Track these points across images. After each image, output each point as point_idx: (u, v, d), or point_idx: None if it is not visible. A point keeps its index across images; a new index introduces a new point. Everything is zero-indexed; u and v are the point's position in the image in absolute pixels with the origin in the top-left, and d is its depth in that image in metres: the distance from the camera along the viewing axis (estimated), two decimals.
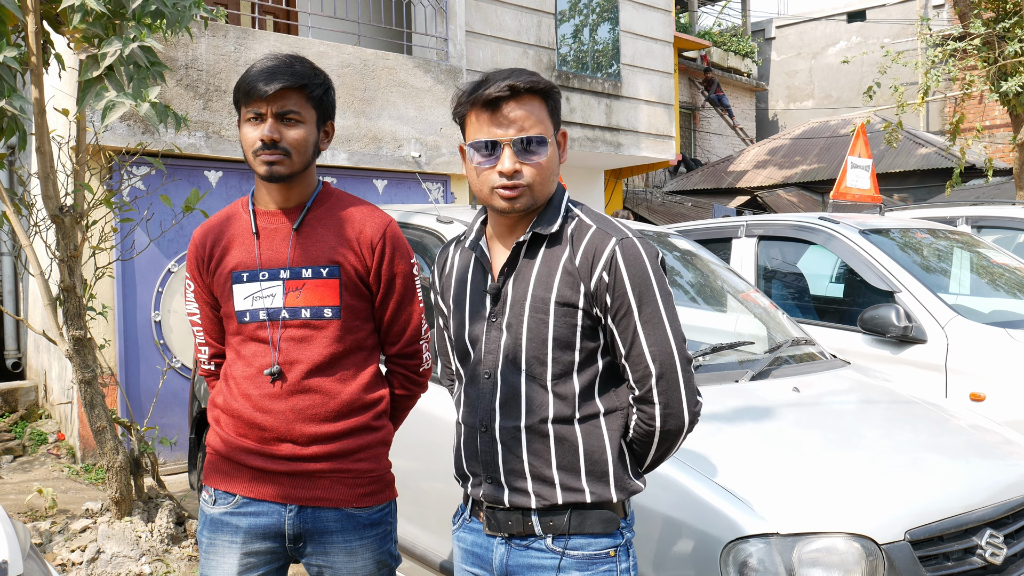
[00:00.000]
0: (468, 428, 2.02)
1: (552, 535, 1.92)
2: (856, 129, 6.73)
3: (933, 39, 11.48)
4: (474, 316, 2.02)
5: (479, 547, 2.04)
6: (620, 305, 1.87)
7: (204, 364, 2.46)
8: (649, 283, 1.89)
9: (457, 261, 2.12)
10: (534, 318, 1.91)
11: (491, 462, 1.96)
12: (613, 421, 1.93)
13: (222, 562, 2.25)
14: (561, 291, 1.89)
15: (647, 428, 1.90)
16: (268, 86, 2.12)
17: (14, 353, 7.93)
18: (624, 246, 1.89)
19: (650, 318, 1.87)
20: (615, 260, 1.88)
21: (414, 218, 3.95)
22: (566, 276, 1.90)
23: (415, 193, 8.19)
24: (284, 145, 2.15)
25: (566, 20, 10.51)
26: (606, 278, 1.87)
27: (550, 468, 1.91)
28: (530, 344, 1.91)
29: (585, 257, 1.90)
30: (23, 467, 6.40)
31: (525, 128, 1.89)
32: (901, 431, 3.23)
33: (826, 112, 21.05)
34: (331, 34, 8.20)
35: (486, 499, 1.99)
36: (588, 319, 1.90)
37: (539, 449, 1.91)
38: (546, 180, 1.92)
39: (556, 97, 1.96)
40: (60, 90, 5.79)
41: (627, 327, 1.88)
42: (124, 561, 4.24)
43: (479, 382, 1.99)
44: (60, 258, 4.40)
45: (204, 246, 2.32)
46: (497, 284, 1.98)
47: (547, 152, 1.91)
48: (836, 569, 2.40)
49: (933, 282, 4.94)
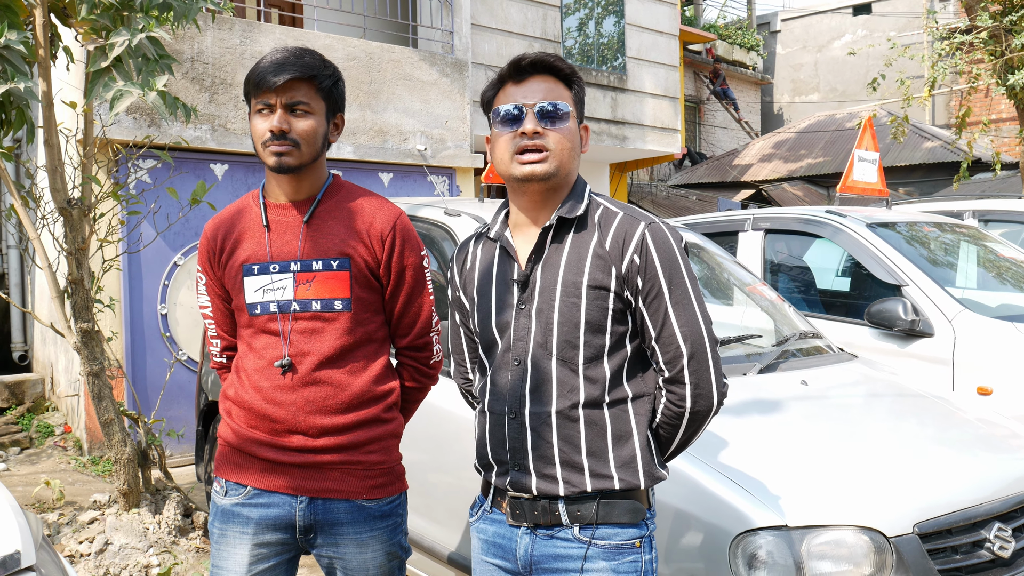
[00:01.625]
0: (495, 416, 2.02)
1: (579, 524, 1.92)
2: (863, 122, 6.71)
3: (939, 32, 11.44)
4: (501, 305, 2.03)
5: (501, 538, 2.03)
6: (651, 287, 1.90)
7: (216, 357, 2.46)
8: (678, 266, 1.92)
9: (480, 255, 2.14)
10: (566, 302, 1.93)
11: (520, 448, 1.96)
12: (640, 406, 1.95)
13: (233, 553, 2.26)
14: (593, 274, 1.92)
15: (676, 410, 1.92)
16: (277, 77, 2.13)
17: (21, 346, 7.95)
18: (653, 230, 1.93)
19: (680, 299, 1.90)
20: (645, 243, 1.91)
21: (421, 211, 3.95)
22: (597, 260, 1.93)
23: (421, 186, 8.19)
24: (293, 136, 2.16)
25: (571, 13, 10.49)
26: (637, 260, 1.90)
27: (579, 454, 1.91)
28: (562, 328, 1.93)
29: (616, 241, 1.93)
30: (30, 459, 6.42)
31: (549, 98, 1.95)
32: (909, 424, 3.23)
33: (831, 105, 21.01)
34: (336, 27, 8.20)
35: (512, 487, 1.98)
36: (619, 302, 1.92)
37: (569, 435, 1.92)
38: (567, 151, 1.96)
39: (581, 87, 2.02)
40: (67, 83, 5.79)
41: (658, 309, 1.90)
42: (132, 553, 4.25)
43: (508, 369, 2.00)
44: (68, 251, 4.41)
45: (215, 239, 2.33)
46: (525, 271, 1.99)
47: (570, 124, 1.96)
48: (845, 562, 2.41)
49: (940, 276, 4.94)
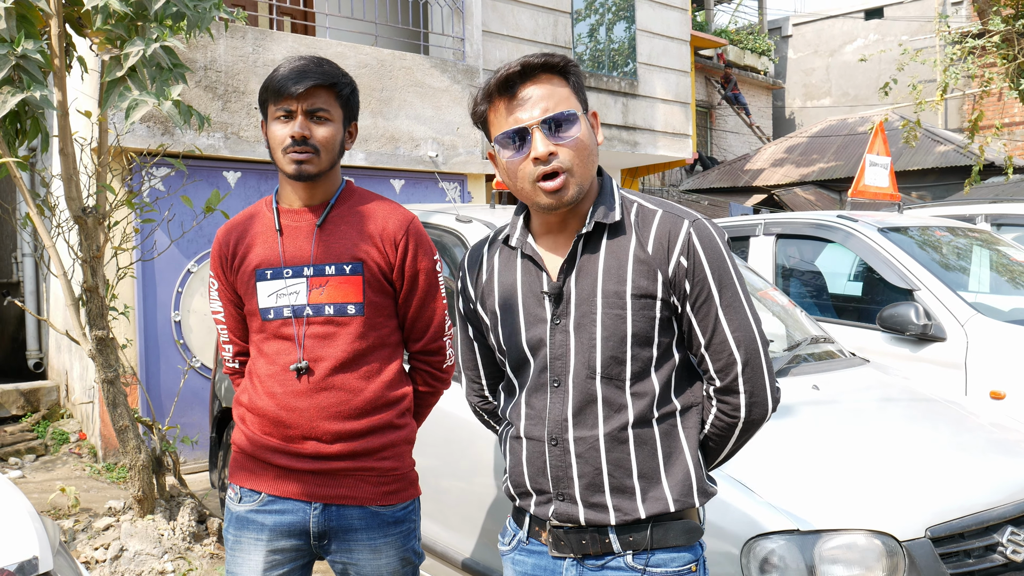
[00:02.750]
0: (533, 442, 1.84)
1: (632, 551, 1.78)
2: (875, 127, 6.71)
3: (951, 36, 11.42)
4: (531, 320, 1.85)
5: (544, 571, 1.88)
6: (700, 291, 1.76)
7: (228, 362, 2.47)
8: (727, 266, 1.78)
9: (498, 264, 1.96)
10: (609, 314, 1.76)
11: (564, 477, 1.80)
12: (689, 419, 1.82)
13: (248, 559, 2.27)
14: (637, 281, 1.76)
15: (729, 420, 1.80)
16: (299, 84, 2.15)
17: (36, 353, 8.00)
18: (698, 228, 1.77)
19: (731, 302, 1.76)
20: (691, 243, 1.75)
21: (433, 217, 3.97)
22: (639, 265, 1.76)
23: (432, 193, 8.21)
24: (313, 142, 2.18)
25: (582, 19, 10.51)
26: (684, 263, 1.75)
27: (631, 478, 1.77)
28: (606, 343, 1.77)
29: (659, 242, 1.77)
30: (45, 466, 6.46)
31: (550, 108, 1.75)
32: (921, 429, 3.22)
33: (843, 110, 20.97)
34: (348, 35, 8.24)
35: (557, 518, 1.82)
36: (666, 309, 1.77)
37: (619, 458, 1.77)
38: (585, 160, 1.78)
39: (577, 73, 1.82)
40: (82, 92, 5.84)
41: (708, 313, 1.76)
42: (147, 559, 4.28)
43: (545, 391, 1.83)
44: (83, 259, 4.44)
45: (228, 244, 2.34)
46: (558, 283, 1.82)
47: (580, 128, 1.77)
48: (857, 566, 2.41)
49: (952, 280, 4.92)
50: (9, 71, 3.69)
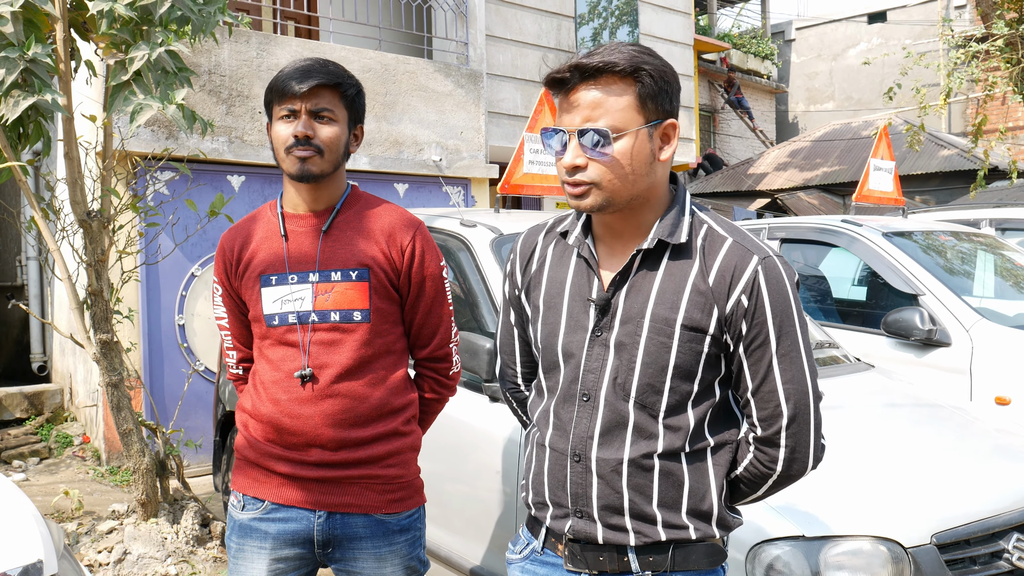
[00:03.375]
0: (556, 454, 1.79)
1: (651, 571, 1.73)
2: (879, 131, 6.70)
3: (955, 40, 11.41)
4: (572, 325, 1.77)
5: None
6: (757, 334, 1.66)
7: (232, 368, 2.44)
8: (790, 312, 1.67)
9: (551, 255, 1.87)
10: (654, 340, 1.68)
11: (583, 495, 1.74)
12: (721, 457, 1.74)
13: (251, 567, 2.24)
14: (690, 313, 1.66)
15: (764, 471, 1.72)
16: (303, 83, 2.13)
17: (40, 356, 8.00)
18: (767, 267, 1.66)
19: (788, 351, 1.66)
20: (757, 283, 1.65)
21: (437, 222, 3.97)
22: (697, 296, 1.67)
23: (436, 197, 8.22)
24: (317, 142, 2.15)
25: (585, 23, 10.52)
26: (745, 303, 1.65)
27: (651, 505, 1.71)
28: (646, 369, 1.69)
29: (722, 276, 1.67)
30: (49, 469, 6.46)
31: (592, 118, 1.64)
32: (926, 434, 3.22)
33: (847, 114, 20.95)
34: (352, 39, 8.25)
35: (575, 535, 1.77)
36: (715, 346, 1.68)
37: (641, 485, 1.71)
38: (620, 179, 1.65)
39: (653, 79, 1.65)
40: (87, 97, 5.85)
41: (760, 359, 1.66)
42: (150, 562, 4.28)
43: (574, 403, 1.76)
44: (87, 262, 4.45)
45: (232, 250, 2.31)
46: (607, 294, 1.73)
47: (616, 148, 1.64)
48: (862, 572, 2.40)
49: (957, 285, 4.92)
50: (18, 75, 3.70)
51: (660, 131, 1.69)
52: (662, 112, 1.68)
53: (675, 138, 1.71)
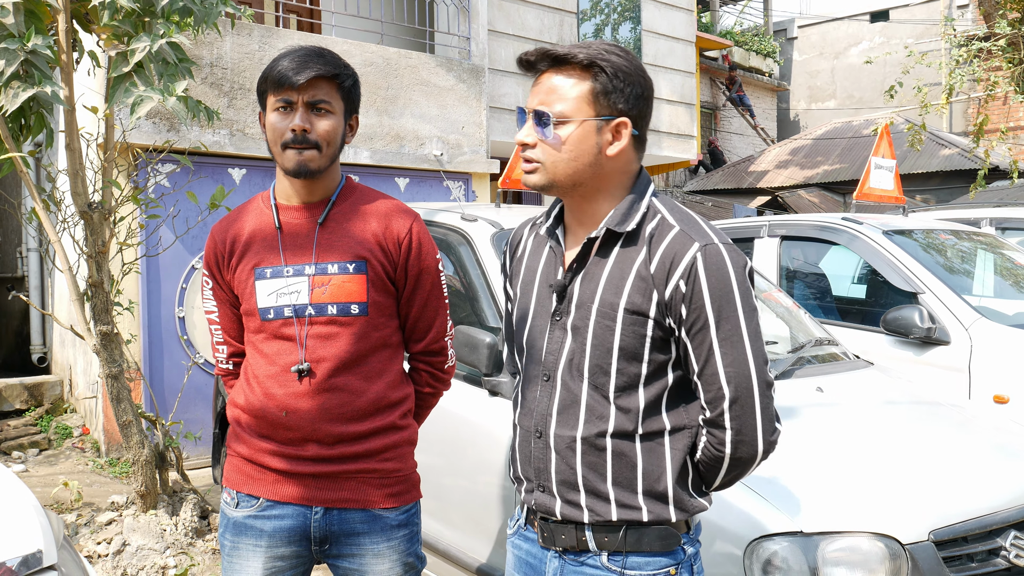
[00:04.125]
0: (523, 431, 1.90)
1: (607, 552, 1.79)
2: (880, 129, 6.70)
3: (957, 39, 11.40)
4: (539, 311, 1.88)
5: (533, 557, 1.93)
6: (696, 318, 1.70)
7: (222, 364, 2.37)
8: (731, 296, 1.70)
9: (530, 246, 1.98)
10: (600, 323, 1.76)
11: (543, 470, 1.84)
12: (679, 440, 1.78)
13: (247, 566, 2.20)
14: (632, 297, 1.73)
15: (715, 453, 1.76)
16: (300, 75, 2.08)
17: (40, 348, 8.01)
18: (708, 253, 1.70)
19: (729, 335, 1.70)
20: (695, 268, 1.69)
21: (438, 216, 3.98)
22: (639, 282, 1.73)
23: (437, 191, 8.22)
24: (314, 137, 2.11)
25: (587, 19, 10.51)
26: (683, 288, 1.70)
27: (605, 483, 1.77)
28: (594, 351, 1.76)
29: (662, 263, 1.72)
30: (49, 460, 6.47)
31: (546, 102, 1.75)
32: (924, 432, 3.22)
33: (848, 112, 20.94)
34: (354, 33, 8.24)
35: (538, 508, 1.86)
36: (659, 330, 1.73)
37: (594, 463, 1.77)
38: (561, 162, 1.75)
39: (608, 76, 1.73)
40: (89, 88, 5.85)
41: (702, 343, 1.71)
42: (149, 554, 4.29)
43: (536, 384, 1.87)
44: (88, 254, 4.45)
45: (223, 242, 2.25)
46: (563, 281, 1.83)
47: (561, 133, 1.74)
48: (860, 568, 2.41)
49: (957, 283, 4.92)
50: (18, 66, 3.70)
51: (611, 127, 1.76)
52: (615, 110, 1.76)
53: (626, 137, 1.78)
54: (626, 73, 1.75)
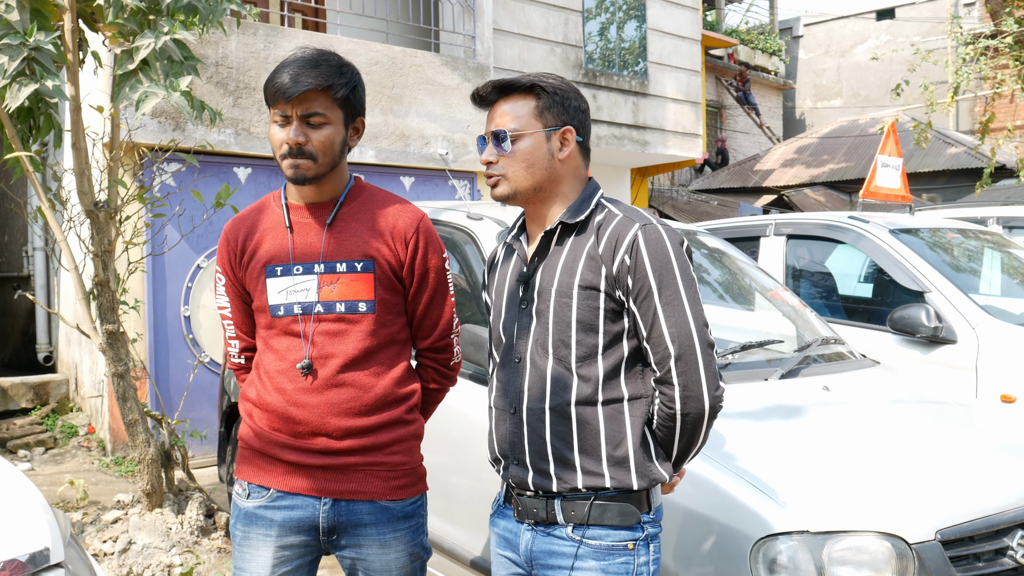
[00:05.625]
0: (499, 411, 2.12)
1: (572, 524, 1.98)
2: (886, 128, 6.69)
3: (964, 37, 11.37)
4: (510, 304, 2.12)
5: (509, 532, 2.13)
6: (641, 287, 1.93)
7: (234, 358, 2.45)
8: (670, 266, 1.94)
9: (501, 257, 2.24)
10: (559, 302, 1.99)
11: (518, 443, 2.05)
12: (637, 407, 1.99)
13: (256, 555, 2.27)
14: (584, 275, 1.97)
15: (668, 411, 1.94)
16: (291, 89, 2.12)
17: (46, 347, 8.03)
18: (647, 231, 1.96)
19: (670, 300, 1.93)
20: (637, 243, 1.94)
21: (444, 215, 3.97)
22: (589, 261, 1.98)
23: (442, 190, 8.22)
24: (309, 149, 2.16)
25: (593, 18, 10.50)
26: (627, 261, 1.94)
27: (571, 451, 1.97)
28: (556, 327, 2.00)
29: (608, 242, 1.97)
30: (54, 459, 6.49)
31: (501, 124, 2.05)
32: (931, 431, 3.21)
33: (854, 111, 20.91)
34: (359, 32, 8.25)
35: (514, 482, 2.07)
36: (611, 302, 1.96)
37: (562, 431, 1.98)
38: (522, 171, 2.03)
39: (549, 93, 2.05)
40: (95, 88, 5.86)
41: (647, 309, 1.93)
42: (155, 552, 4.29)
43: (510, 366, 2.08)
44: (94, 253, 4.46)
45: (236, 240, 2.32)
46: (527, 272, 2.08)
47: (517, 146, 2.03)
48: (866, 568, 2.40)
49: (964, 282, 4.91)
50: (22, 63, 3.70)
51: (559, 135, 2.06)
52: (559, 120, 2.05)
53: (573, 143, 2.07)
54: (563, 91, 2.06)
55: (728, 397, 2.15)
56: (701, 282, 4.04)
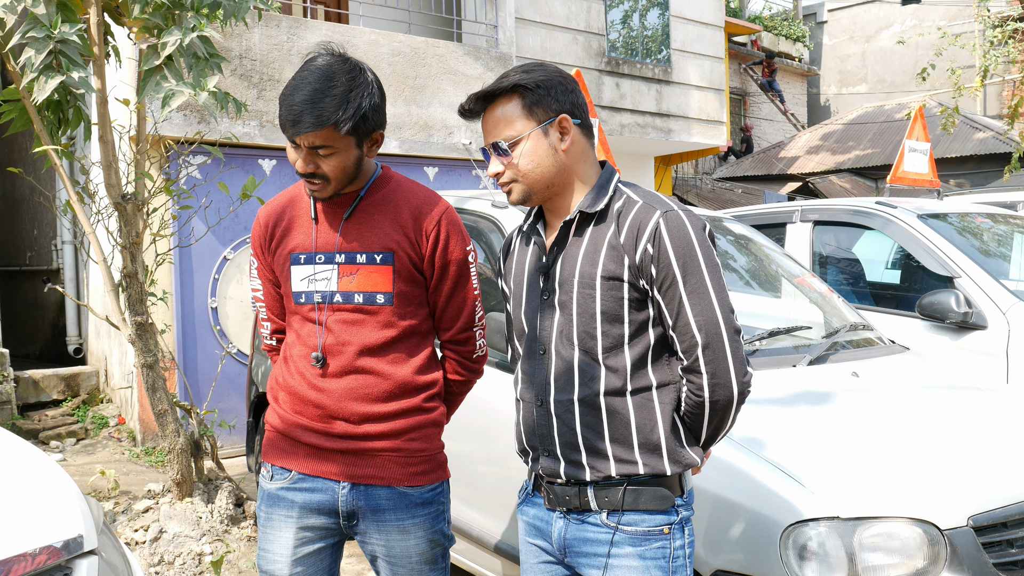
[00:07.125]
0: (526, 403, 2.09)
1: (607, 510, 1.97)
2: (913, 113, 6.61)
3: (991, 20, 11.21)
4: (531, 295, 2.09)
5: (540, 520, 2.11)
6: (665, 276, 1.90)
7: (266, 339, 2.52)
8: (694, 254, 1.90)
9: (519, 245, 2.19)
10: (582, 293, 1.96)
11: (547, 435, 2.03)
12: (666, 394, 1.96)
13: (279, 536, 2.31)
14: (606, 265, 1.94)
15: (696, 399, 1.93)
16: (293, 129, 2.10)
17: (76, 339, 8.11)
18: (668, 218, 1.92)
19: (695, 288, 1.89)
20: (659, 232, 1.90)
21: (469, 203, 3.98)
22: (611, 251, 1.94)
23: (466, 180, 8.22)
24: (322, 173, 2.17)
25: (615, 6, 10.45)
26: (650, 250, 1.90)
27: (603, 440, 1.95)
28: (580, 319, 1.97)
29: (630, 231, 1.93)
30: (86, 450, 6.56)
31: (496, 133, 2.00)
32: (962, 417, 3.18)
33: (880, 96, 20.70)
34: (382, 22, 8.25)
35: (544, 473, 2.05)
36: (635, 291, 1.93)
37: (592, 422, 1.96)
38: (530, 172, 1.98)
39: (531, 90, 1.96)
40: (121, 81, 5.90)
41: (672, 298, 1.90)
42: (185, 541, 4.34)
43: (535, 358, 2.06)
44: (122, 245, 4.50)
45: (268, 226, 2.37)
46: (546, 263, 2.04)
47: (518, 152, 1.98)
48: (897, 554, 2.39)
49: (993, 267, 4.85)
50: (48, 56, 3.73)
51: (555, 127, 1.99)
52: (551, 112, 1.98)
53: (570, 129, 2.00)
54: (545, 80, 1.98)
55: (756, 384, 2.13)
56: (728, 269, 4.02)
